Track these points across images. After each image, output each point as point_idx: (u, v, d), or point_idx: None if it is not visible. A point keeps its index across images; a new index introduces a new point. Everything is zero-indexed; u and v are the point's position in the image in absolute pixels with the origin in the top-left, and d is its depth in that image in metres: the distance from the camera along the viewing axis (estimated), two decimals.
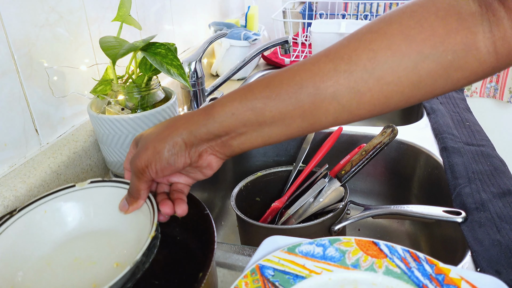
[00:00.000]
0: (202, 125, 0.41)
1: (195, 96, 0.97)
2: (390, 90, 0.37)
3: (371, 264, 0.41)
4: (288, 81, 0.39)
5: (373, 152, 0.69)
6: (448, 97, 1.01)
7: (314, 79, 0.38)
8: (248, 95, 0.41)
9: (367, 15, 1.66)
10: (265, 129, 0.41)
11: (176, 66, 0.64)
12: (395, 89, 0.37)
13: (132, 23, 0.67)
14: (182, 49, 1.12)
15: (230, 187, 0.77)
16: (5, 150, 0.59)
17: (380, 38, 0.37)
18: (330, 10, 1.70)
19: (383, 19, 0.38)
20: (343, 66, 0.37)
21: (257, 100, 0.40)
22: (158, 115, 0.67)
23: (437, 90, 0.38)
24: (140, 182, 0.43)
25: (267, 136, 0.41)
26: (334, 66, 0.38)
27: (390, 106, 0.39)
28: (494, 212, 0.57)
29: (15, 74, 0.59)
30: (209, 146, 0.43)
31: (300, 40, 1.46)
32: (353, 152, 0.72)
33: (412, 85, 0.37)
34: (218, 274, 0.52)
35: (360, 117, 0.40)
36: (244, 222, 0.66)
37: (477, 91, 2.19)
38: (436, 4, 0.37)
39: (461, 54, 0.36)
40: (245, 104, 0.40)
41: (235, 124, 0.41)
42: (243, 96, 0.41)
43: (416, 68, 0.36)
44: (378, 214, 0.63)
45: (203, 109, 0.43)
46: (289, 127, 0.40)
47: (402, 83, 0.37)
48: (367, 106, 0.38)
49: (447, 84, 0.38)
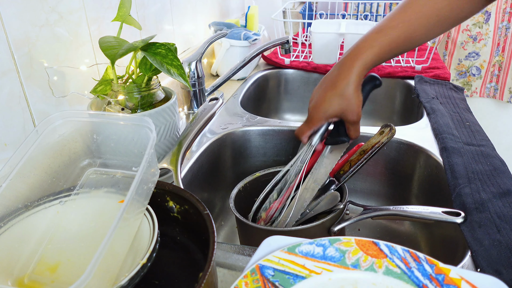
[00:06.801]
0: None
1: (195, 96, 0.97)
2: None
3: (371, 264, 0.41)
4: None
5: (372, 151, 0.68)
6: (448, 97, 1.01)
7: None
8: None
9: (367, 15, 1.66)
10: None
11: (176, 66, 0.64)
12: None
13: (132, 23, 0.68)
14: (182, 49, 1.12)
15: (230, 187, 0.77)
16: (5, 150, 0.59)
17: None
18: (330, 10, 1.70)
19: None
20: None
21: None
22: (158, 115, 0.67)
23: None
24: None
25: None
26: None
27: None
28: (494, 212, 0.57)
29: (15, 74, 0.59)
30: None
31: (300, 40, 1.46)
32: (351, 151, 0.72)
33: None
34: (218, 274, 0.52)
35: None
36: (243, 224, 0.66)
37: (477, 91, 2.19)
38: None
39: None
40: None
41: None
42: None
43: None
44: (377, 215, 0.63)
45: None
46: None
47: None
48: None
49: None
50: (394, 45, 0.61)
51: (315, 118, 0.65)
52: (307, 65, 1.29)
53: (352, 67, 0.61)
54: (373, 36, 0.62)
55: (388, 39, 0.61)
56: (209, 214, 0.46)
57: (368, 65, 0.62)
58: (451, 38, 2.11)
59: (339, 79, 0.62)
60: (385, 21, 0.63)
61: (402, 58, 1.30)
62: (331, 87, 0.63)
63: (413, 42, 0.62)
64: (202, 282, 0.37)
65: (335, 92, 0.62)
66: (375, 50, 0.61)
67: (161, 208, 0.51)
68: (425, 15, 0.60)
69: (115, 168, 0.53)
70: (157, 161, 0.52)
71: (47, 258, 0.44)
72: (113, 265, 0.41)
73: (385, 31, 0.61)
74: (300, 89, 1.33)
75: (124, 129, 0.65)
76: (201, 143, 0.84)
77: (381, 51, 0.61)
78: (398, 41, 0.61)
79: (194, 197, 0.49)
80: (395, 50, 0.62)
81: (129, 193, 0.40)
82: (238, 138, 0.92)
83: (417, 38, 0.62)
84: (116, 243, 0.40)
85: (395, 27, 0.61)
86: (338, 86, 0.62)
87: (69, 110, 0.53)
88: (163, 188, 0.51)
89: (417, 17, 0.60)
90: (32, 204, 0.48)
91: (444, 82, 1.11)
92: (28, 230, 0.46)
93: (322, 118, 0.65)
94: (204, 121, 0.74)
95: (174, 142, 0.72)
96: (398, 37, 0.61)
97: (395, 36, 0.61)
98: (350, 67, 0.61)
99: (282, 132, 0.91)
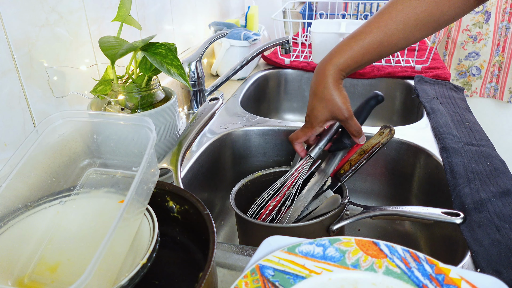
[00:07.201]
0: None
1: (195, 96, 0.97)
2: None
3: (371, 264, 0.41)
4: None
5: (372, 152, 0.69)
6: (448, 97, 1.01)
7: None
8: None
9: (367, 15, 1.66)
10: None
11: (176, 66, 0.64)
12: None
13: (132, 23, 0.68)
14: (182, 49, 1.12)
15: (230, 187, 0.77)
16: (5, 150, 0.59)
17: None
18: (330, 10, 1.70)
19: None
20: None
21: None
22: (158, 115, 0.67)
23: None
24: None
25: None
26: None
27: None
28: (493, 212, 0.57)
29: (15, 74, 0.59)
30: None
31: (300, 40, 1.46)
32: (351, 150, 0.72)
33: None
34: (218, 274, 0.52)
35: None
36: (243, 220, 0.67)
37: (477, 91, 2.19)
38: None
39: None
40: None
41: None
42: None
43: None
44: (377, 215, 0.63)
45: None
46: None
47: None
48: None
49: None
50: (369, 49, 0.63)
51: (310, 126, 0.69)
52: (307, 65, 1.29)
53: (325, 71, 0.64)
54: (346, 42, 0.64)
55: (362, 44, 0.62)
56: (209, 214, 0.46)
57: (341, 67, 0.64)
58: (451, 38, 2.12)
59: (317, 85, 0.66)
60: (360, 27, 0.64)
61: (402, 58, 1.30)
62: (313, 94, 0.67)
63: (391, 46, 0.63)
64: (202, 282, 0.37)
65: (317, 98, 0.66)
66: (348, 54, 0.63)
67: (161, 208, 0.51)
68: (402, 20, 0.61)
69: (115, 168, 0.53)
70: (157, 161, 0.52)
71: (47, 258, 0.44)
72: (113, 265, 0.41)
73: (358, 36, 0.63)
74: (300, 89, 1.33)
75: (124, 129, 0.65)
76: (201, 143, 0.84)
77: (354, 55, 0.63)
78: (373, 45, 0.62)
79: (194, 197, 0.49)
80: (371, 54, 0.63)
81: (129, 193, 0.40)
82: (238, 138, 0.92)
83: (394, 42, 0.62)
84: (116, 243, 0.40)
85: (369, 32, 0.62)
86: (318, 92, 0.65)
87: (69, 110, 0.53)
88: (163, 188, 0.51)
89: (394, 21, 0.61)
90: (32, 204, 0.48)
91: (444, 82, 1.11)
92: (28, 230, 0.46)
93: (316, 125, 0.68)
94: (204, 121, 0.74)
95: (174, 142, 0.72)
96: (372, 42, 0.62)
97: (369, 41, 0.62)
98: (324, 72, 0.64)
99: (282, 132, 0.91)
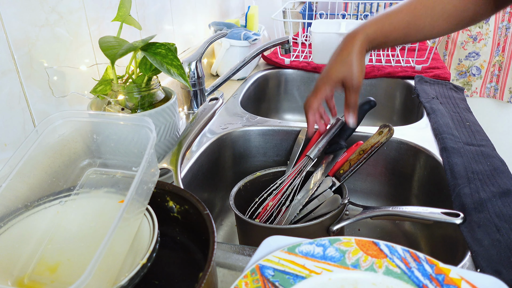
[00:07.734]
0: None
1: (195, 96, 0.97)
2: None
3: (371, 264, 0.41)
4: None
5: (371, 151, 0.69)
6: (448, 97, 1.01)
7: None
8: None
9: (367, 15, 1.66)
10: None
11: (176, 66, 0.64)
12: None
13: (132, 23, 0.68)
14: (182, 49, 1.12)
15: (230, 187, 0.77)
16: (5, 150, 0.59)
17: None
18: (330, 10, 1.70)
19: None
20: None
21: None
22: (158, 115, 0.67)
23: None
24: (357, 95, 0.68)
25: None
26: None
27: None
28: (493, 212, 0.57)
29: (15, 74, 0.59)
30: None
31: (300, 40, 1.46)
32: (350, 149, 0.72)
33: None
34: (218, 274, 0.52)
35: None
36: (242, 221, 0.67)
37: (477, 91, 2.19)
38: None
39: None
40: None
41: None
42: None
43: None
44: (377, 215, 0.63)
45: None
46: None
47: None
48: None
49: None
50: (397, 27, 0.65)
51: (320, 86, 0.69)
52: (307, 65, 1.29)
53: (356, 36, 0.66)
54: (377, 17, 0.67)
55: (391, 21, 0.65)
56: (209, 214, 0.46)
57: (371, 37, 0.65)
58: (451, 38, 2.12)
59: (342, 49, 0.67)
60: (391, 7, 0.67)
61: (402, 58, 1.30)
62: (334, 57, 0.68)
63: (417, 29, 0.65)
64: (202, 282, 0.37)
65: (338, 59, 0.67)
66: (379, 26, 0.65)
67: (161, 208, 0.51)
68: (430, 6, 0.63)
69: (115, 168, 0.53)
70: (157, 161, 0.52)
71: (47, 258, 0.44)
72: (113, 265, 0.41)
73: (389, 14, 0.66)
74: (300, 89, 1.33)
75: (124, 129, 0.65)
76: (201, 143, 0.84)
77: (384, 28, 0.65)
78: (401, 25, 0.65)
79: (194, 197, 0.49)
80: (398, 33, 0.65)
81: (129, 193, 0.40)
82: (238, 138, 0.92)
83: (421, 26, 0.65)
84: (116, 243, 0.40)
85: (399, 12, 0.65)
86: (340, 55, 0.67)
87: (69, 110, 0.53)
88: (163, 188, 0.51)
89: (422, 6, 0.64)
90: (32, 204, 0.48)
91: (444, 82, 1.11)
92: (28, 230, 0.46)
93: (326, 85, 0.69)
94: (204, 121, 0.74)
95: (174, 142, 0.72)
96: (401, 21, 0.64)
97: (398, 19, 0.65)
98: (354, 37, 0.66)
99: (282, 132, 0.91)
